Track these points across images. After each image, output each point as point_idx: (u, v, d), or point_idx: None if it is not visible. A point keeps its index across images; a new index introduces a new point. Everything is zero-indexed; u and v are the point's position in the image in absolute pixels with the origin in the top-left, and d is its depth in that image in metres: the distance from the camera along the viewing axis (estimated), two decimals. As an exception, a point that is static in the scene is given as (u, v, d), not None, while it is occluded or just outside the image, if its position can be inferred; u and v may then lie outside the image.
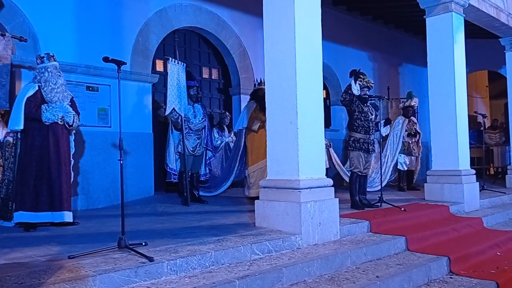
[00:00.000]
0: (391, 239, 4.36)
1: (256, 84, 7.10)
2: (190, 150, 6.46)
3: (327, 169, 7.17)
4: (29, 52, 5.90)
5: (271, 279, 3.20)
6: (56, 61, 4.78)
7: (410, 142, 8.57)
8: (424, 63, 7.23)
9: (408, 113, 8.62)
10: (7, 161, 4.66)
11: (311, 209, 4.08)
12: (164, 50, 7.75)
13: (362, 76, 5.72)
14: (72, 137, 4.91)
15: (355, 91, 5.63)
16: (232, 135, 7.85)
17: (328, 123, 10.26)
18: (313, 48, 4.36)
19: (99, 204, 6.49)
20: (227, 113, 8.27)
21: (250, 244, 3.58)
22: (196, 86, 6.76)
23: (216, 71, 8.83)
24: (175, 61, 6.27)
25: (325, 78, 9.30)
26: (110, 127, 6.70)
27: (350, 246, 4.02)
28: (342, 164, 8.76)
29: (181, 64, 6.37)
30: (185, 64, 6.55)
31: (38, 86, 4.61)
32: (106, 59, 3.51)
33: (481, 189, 7.35)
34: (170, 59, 6.24)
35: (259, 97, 6.41)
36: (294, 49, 4.15)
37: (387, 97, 10.32)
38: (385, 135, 8.42)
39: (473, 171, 6.85)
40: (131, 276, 2.87)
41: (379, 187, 6.26)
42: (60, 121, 4.62)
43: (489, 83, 16.52)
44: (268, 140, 4.40)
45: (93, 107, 6.55)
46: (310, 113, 4.26)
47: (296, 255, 3.69)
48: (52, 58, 4.74)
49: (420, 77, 11.69)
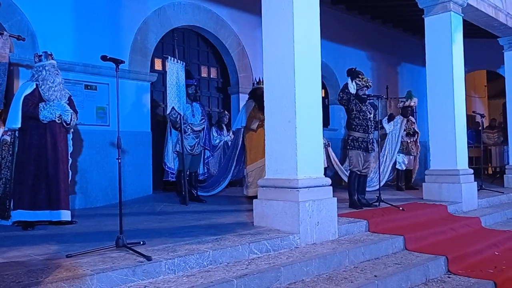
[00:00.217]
0: (389, 239, 4.36)
1: (255, 83, 7.10)
2: (188, 149, 6.45)
3: (326, 168, 7.18)
4: (27, 51, 5.88)
5: (269, 278, 3.20)
6: (54, 60, 4.79)
7: (409, 142, 8.58)
8: (423, 63, 7.23)
9: (407, 113, 8.62)
10: (5, 160, 4.65)
11: (310, 208, 4.08)
12: (163, 49, 7.74)
13: (361, 76, 5.72)
14: (70, 136, 4.91)
15: (352, 90, 5.64)
16: (231, 134, 7.85)
17: (327, 122, 10.27)
18: (312, 47, 4.36)
19: (97, 203, 6.49)
20: (226, 112, 8.27)
21: (248, 243, 3.58)
22: (195, 85, 6.75)
23: (215, 70, 8.82)
24: (174, 60, 6.26)
25: (324, 77, 9.31)
26: (109, 126, 6.69)
27: (348, 246, 4.02)
28: (341, 163, 8.76)
29: (180, 63, 6.36)
30: (185, 63, 6.55)
31: (36, 85, 4.61)
32: (104, 58, 3.51)
33: (479, 189, 7.35)
34: (169, 58, 6.23)
35: (258, 96, 6.41)
36: (293, 48, 4.15)
37: (386, 97, 10.33)
38: (385, 134, 8.47)
39: (471, 171, 6.85)
40: (129, 275, 2.87)
41: (378, 187, 6.27)
42: (58, 120, 4.62)
43: (488, 83, 16.53)
44: (267, 139, 4.40)
45: (92, 106, 6.55)
46: (309, 112, 4.26)
47: (294, 255, 3.69)
48: (50, 57, 4.74)
49: (419, 77, 11.69)
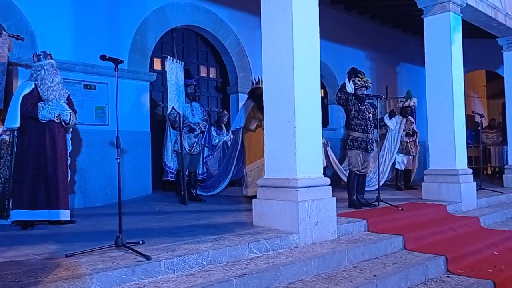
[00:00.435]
0: (389, 238, 4.36)
1: (254, 83, 7.09)
2: (188, 149, 6.45)
3: (325, 168, 7.19)
4: (27, 50, 5.87)
5: (269, 278, 3.20)
6: (53, 59, 4.78)
7: (408, 142, 8.58)
8: (422, 63, 7.24)
9: (406, 113, 8.63)
10: (3, 159, 4.64)
11: (309, 208, 4.08)
12: (162, 49, 7.74)
13: (361, 76, 5.72)
14: (69, 136, 4.90)
15: (349, 89, 5.64)
16: (230, 134, 7.85)
17: (326, 122, 10.28)
18: (311, 47, 4.35)
19: (97, 203, 6.48)
20: (225, 112, 8.26)
21: (248, 243, 3.58)
22: (194, 85, 6.75)
23: (214, 70, 8.82)
24: (173, 60, 6.26)
25: (323, 77, 9.29)
26: (108, 126, 6.68)
27: (348, 245, 4.02)
28: (340, 163, 8.77)
29: (179, 63, 6.36)
30: (183, 63, 6.55)
31: (35, 84, 4.60)
32: (104, 58, 3.50)
33: (478, 189, 7.37)
34: (168, 58, 6.23)
35: (257, 96, 6.41)
36: (292, 48, 4.15)
37: (385, 96, 10.33)
38: (384, 133, 8.47)
39: (471, 171, 6.86)
40: (128, 275, 2.87)
41: (377, 186, 6.27)
42: (57, 119, 4.61)
43: (487, 83, 16.55)
44: (266, 139, 4.40)
45: (91, 105, 6.54)
46: (308, 112, 4.26)
47: (294, 254, 3.69)
48: (49, 56, 4.73)
49: (418, 77, 11.69)
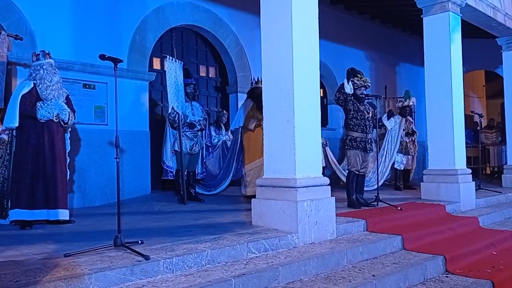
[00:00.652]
0: (387, 238, 4.37)
1: (253, 83, 7.09)
2: (187, 149, 6.45)
3: (324, 168, 7.19)
4: (26, 49, 5.86)
5: (267, 278, 3.20)
6: (52, 59, 4.77)
7: (407, 141, 8.59)
8: (421, 63, 7.24)
9: (405, 113, 8.63)
10: (2, 159, 4.63)
11: (308, 208, 4.08)
12: (161, 48, 7.74)
13: (360, 75, 5.72)
14: (68, 135, 4.90)
15: (347, 90, 5.64)
16: (229, 134, 7.85)
17: (325, 122, 10.28)
18: (310, 47, 4.35)
19: (95, 202, 6.48)
20: (225, 112, 8.26)
21: (247, 243, 3.58)
22: (193, 84, 6.75)
23: (214, 70, 8.81)
24: (173, 59, 6.26)
25: (322, 77, 9.30)
26: (107, 125, 6.68)
27: (347, 245, 4.02)
28: (338, 163, 8.77)
29: (179, 62, 6.36)
30: (183, 62, 6.54)
31: (34, 84, 4.59)
32: (103, 57, 3.50)
33: (477, 189, 7.37)
34: (168, 57, 6.23)
35: (256, 96, 6.41)
36: (291, 48, 4.15)
37: (384, 96, 10.33)
38: (383, 133, 8.46)
39: (469, 171, 6.87)
40: (127, 275, 2.87)
41: (376, 186, 6.27)
42: (56, 119, 4.61)
43: (486, 83, 16.57)
44: (265, 139, 4.40)
45: (90, 105, 6.54)
46: (307, 112, 4.26)
47: (293, 254, 3.69)
48: (48, 56, 4.73)
49: (417, 77, 11.70)
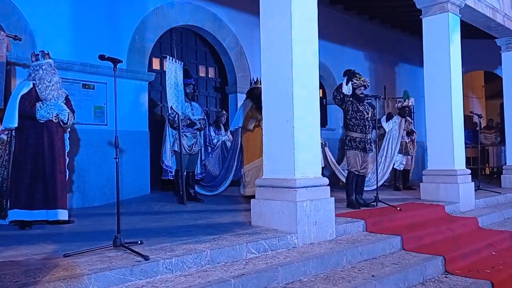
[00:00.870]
0: (387, 239, 4.37)
1: (253, 83, 7.10)
2: (187, 149, 6.45)
3: (323, 168, 7.19)
4: (26, 49, 5.85)
5: (267, 278, 3.20)
6: (51, 59, 4.77)
7: (407, 142, 8.60)
8: (421, 63, 7.25)
9: (405, 113, 8.63)
10: (1, 159, 4.62)
11: (307, 208, 4.08)
12: (161, 48, 7.74)
13: (358, 76, 5.73)
14: (67, 135, 4.89)
15: (345, 91, 5.66)
16: (229, 134, 7.86)
17: (324, 122, 10.28)
18: (310, 47, 4.36)
19: (95, 202, 6.47)
20: (224, 112, 8.26)
21: (246, 243, 3.58)
22: (193, 84, 6.75)
23: (213, 70, 8.81)
24: (173, 59, 6.26)
25: (322, 77, 9.31)
26: (106, 125, 6.67)
27: (346, 245, 4.02)
28: (338, 163, 8.77)
29: (179, 63, 6.36)
30: (182, 63, 6.54)
31: (33, 84, 4.59)
32: (102, 57, 3.50)
33: (477, 189, 7.37)
34: (168, 57, 6.23)
35: (255, 96, 6.42)
36: (291, 48, 4.15)
37: (383, 97, 10.34)
38: (382, 134, 8.46)
39: (469, 171, 6.87)
40: (127, 275, 2.87)
41: (375, 187, 6.27)
42: (55, 119, 4.60)
43: (485, 83, 16.59)
44: (264, 139, 4.40)
45: (89, 105, 6.53)
46: (306, 112, 4.26)
47: (292, 254, 3.69)
48: (47, 56, 4.72)
49: (416, 77, 11.71)
